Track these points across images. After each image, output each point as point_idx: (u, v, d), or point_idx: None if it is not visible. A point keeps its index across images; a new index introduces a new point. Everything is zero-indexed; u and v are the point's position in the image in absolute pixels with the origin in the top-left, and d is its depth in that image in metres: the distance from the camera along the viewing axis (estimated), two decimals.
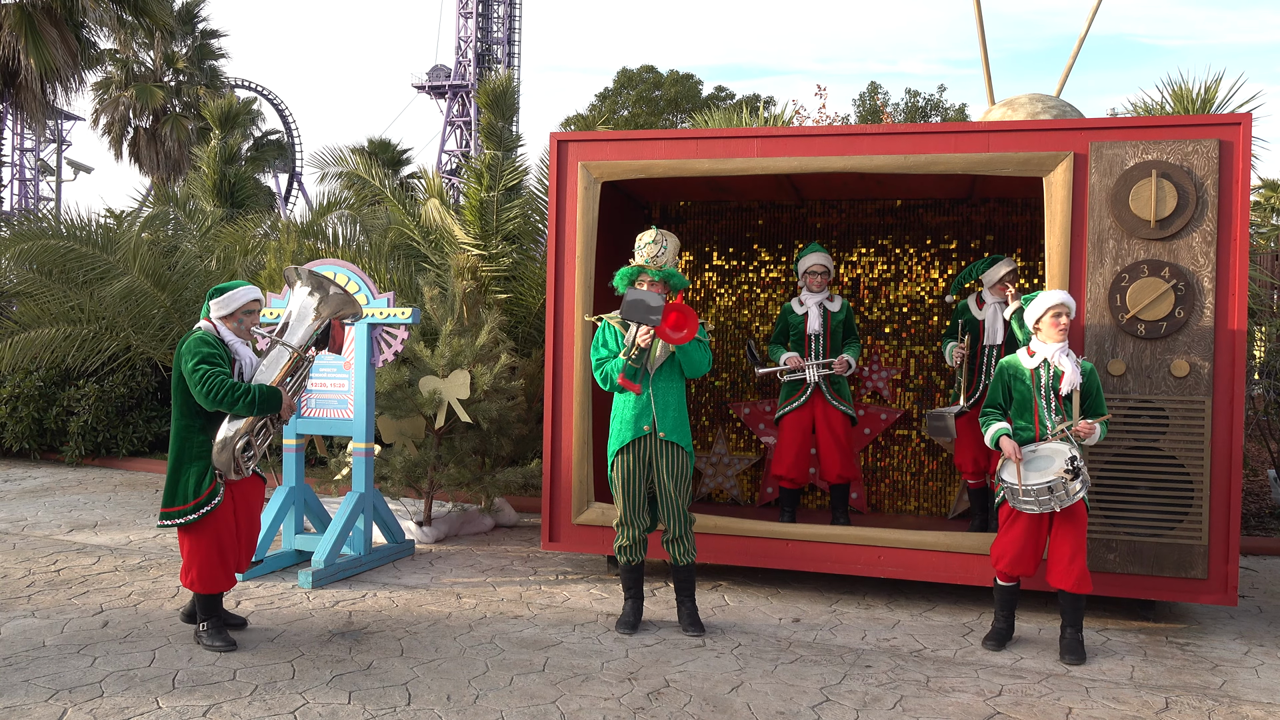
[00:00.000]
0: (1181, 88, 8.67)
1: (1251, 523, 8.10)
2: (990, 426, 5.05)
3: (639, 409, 5.22)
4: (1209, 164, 5.36)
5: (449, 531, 7.56)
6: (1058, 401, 4.95)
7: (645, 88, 45.25)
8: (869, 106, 33.47)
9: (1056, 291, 5.00)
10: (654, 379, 5.23)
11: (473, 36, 55.74)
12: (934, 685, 4.55)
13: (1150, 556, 5.41)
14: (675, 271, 5.21)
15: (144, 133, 28.65)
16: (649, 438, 5.20)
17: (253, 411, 4.70)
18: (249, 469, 4.86)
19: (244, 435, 4.74)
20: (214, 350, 4.72)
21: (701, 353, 5.17)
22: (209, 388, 4.61)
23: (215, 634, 4.83)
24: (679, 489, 5.19)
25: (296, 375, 4.95)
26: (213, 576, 4.83)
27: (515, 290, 9.27)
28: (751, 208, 7.73)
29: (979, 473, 6.51)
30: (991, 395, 5.15)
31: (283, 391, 4.81)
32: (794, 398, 6.68)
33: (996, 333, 6.37)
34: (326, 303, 4.97)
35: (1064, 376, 4.90)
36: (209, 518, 4.77)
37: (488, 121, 9.65)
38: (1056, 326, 4.94)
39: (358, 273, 6.46)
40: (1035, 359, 5.00)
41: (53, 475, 10.15)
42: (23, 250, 10.40)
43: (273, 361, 4.88)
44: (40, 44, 17.16)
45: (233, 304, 4.86)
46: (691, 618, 5.27)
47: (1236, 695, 4.51)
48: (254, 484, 5.06)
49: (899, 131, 5.90)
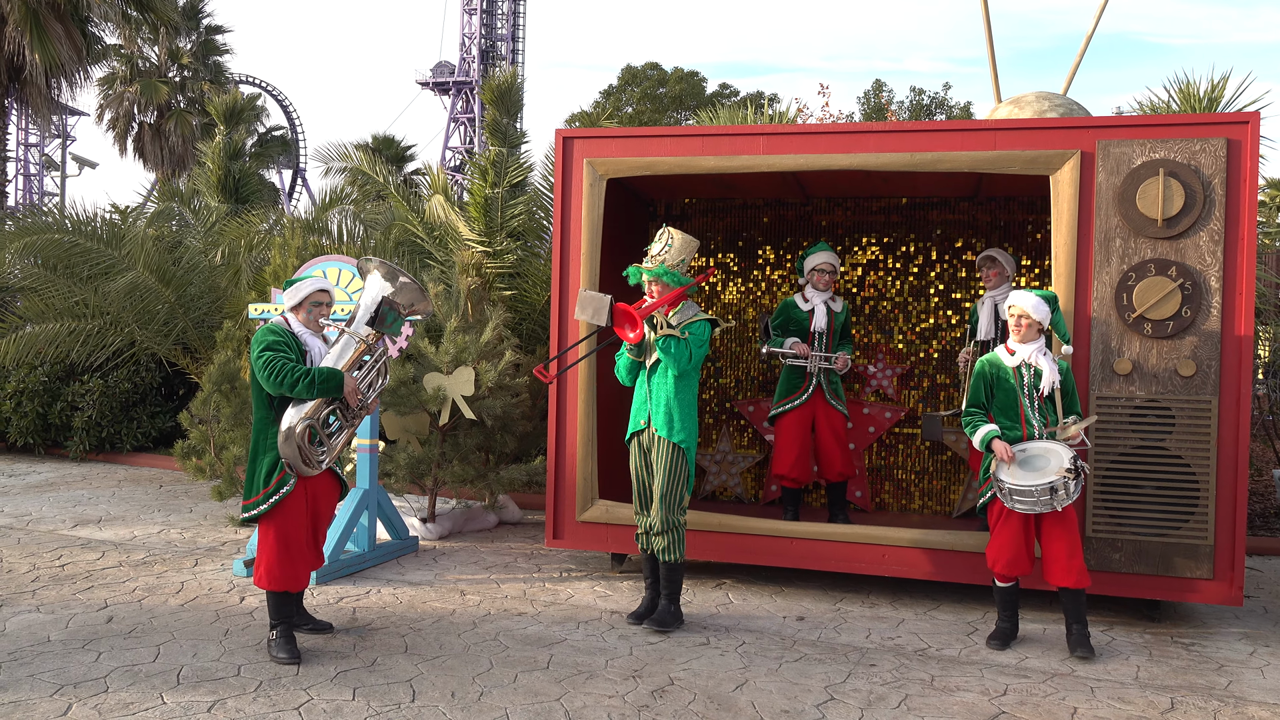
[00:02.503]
0: (1188, 86, 8.64)
1: (1257, 523, 8.08)
2: (978, 429, 5.05)
3: (639, 403, 5.38)
4: (1216, 163, 5.34)
5: (453, 528, 7.56)
6: (1040, 400, 4.98)
7: (650, 85, 45.20)
8: (873, 104, 33.40)
9: (1018, 294, 5.02)
10: (650, 373, 5.31)
11: (477, 33, 55.68)
12: (939, 684, 4.54)
13: (1156, 556, 5.39)
14: (666, 270, 5.23)
15: (148, 128, 28.65)
16: (645, 431, 5.32)
17: (313, 393, 4.53)
18: (320, 463, 4.67)
19: (306, 421, 4.55)
20: (280, 339, 4.62)
21: (680, 348, 5.17)
22: (271, 370, 4.50)
23: (281, 644, 4.64)
24: (665, 484, 5.22)
25: (367, 365, 4.79)
26: (279, 573, 4.65)
27: (520, 287, 9.26)
28: (757, 205, 7.72)
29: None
30: (974, 395, 5.14)
31: (345, 374, 4.63)
32: (793, 396, 6.66)
33: (990, 328, 6.44)
34: (399, 294, 4.81)
35: (1044, 376, 4.94)
36: (277, 510, 4.64)
37: (493, 118, 9.65)
38: (1013, 327, 5.00)
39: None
40: (1015, 358, 5.02)
41: (57, 470, 10.16)
42: (27, 244, 10.42)
43: (340, 351, 4.73)
44: (45, 39, 17.15)
45: (298, 295, 4.75)
46: (660, 614, 5.25)
47: (1242, 696, 4.49)
48: (330, 485, 4.89)
49: (905, 129, 5.88)
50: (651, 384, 5.30)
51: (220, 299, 10.52)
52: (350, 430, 4.80)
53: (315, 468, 4.65)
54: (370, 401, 4.83)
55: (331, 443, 4.72)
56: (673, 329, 5.18)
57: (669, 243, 5.27)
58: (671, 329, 5.18)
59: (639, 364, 5.35)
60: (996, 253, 6.49)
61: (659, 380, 5.28)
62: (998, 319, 6.40)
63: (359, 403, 4.75)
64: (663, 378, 5.27)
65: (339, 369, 4.63)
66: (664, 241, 5.27)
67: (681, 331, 5.18)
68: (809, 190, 7.20)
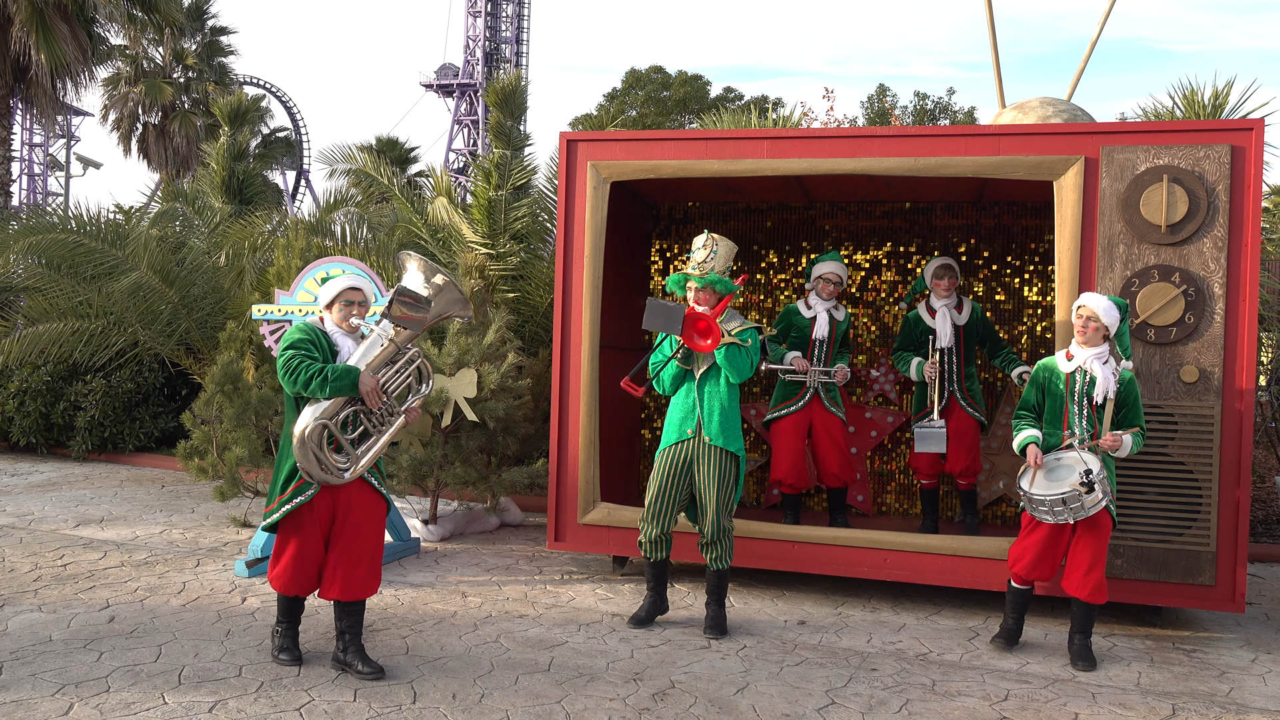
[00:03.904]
0: (1193, 93, 8.64)
1: (1259, 530, 8.07)
2: (1021, 431, 4.98)
3: (685, 412, 5.24)
4: (1220, 169, 5.34)
5: (454, 530, 7.57)
6: (1090, 409, 4.88)
7: (654, 88, 45.26)
8: (877, 109, 33.42)
9: (1090, 295, 4.91)
10: (700, 382, 5.23)
11: (481, 35, 55.76)
12: (940, 689, 4.54)
13: (1158, 562, 5.39)
14: (719, 278, 5.17)
15: (153, 129, 28.72)
16: (692, 441, 5.20)
17: (325, 391, 4.26)
18: (342, 472, 4.34)
19: (320, 422, 4.26)
20: (307, 338, 4.38)
21: (743, 356, 5.13)
22: (287, 368, 4.29)
23: (284, 645, 4.54)
24: (720, 494, 5.16)
25: (396, 366, 4.48)
26: (289, 579, 4.45)
27: (523, 289, 9.27)
28: (761, 209, 7.72)
29: (934, 475, 6.67)
30: (1026, 397, 5.08)
31: (363, 372, 4.34)
32: (789, 402, 6.66)
33: (946, 335, 6.47)
34: (438, 296, 4.52)
35: (1098, 384, 4.82)
36: (292, 519, 4.41)
37: (496, 120, 9.66)
38: (1079, 329, 4.89)
39: (366, 270, 6.46)
40: (1072, 363, 4.93)
41: (59, 470, 10.17)
42: (32, 244, 10.43)
43: (365, 349, 4.43)
44: (51, 40, 17.19)
45: (329, 293, 4.53)
46: (714, 620, 5.26)
47: (1244, 703, 4.49)
48: (368, 498, 4.52)
49: (910, 134, 5.88)
50: (703, 392, 5.20)
51: (223, 300, 10.54)
52: (380, 438, 4.45)
53: (335, 477, 4.34)
54: (404, 408, 4.50)
55: (357, 451, 4.40)
56: (733, 337, 5.11)
57: (714, 249, 5.20)
58: (732, 337, 5.11)
59: (687, 372, 5.25)
60: (954, 261, 6.59)
61: (712, 389, 5.20)
62: (953, 325, 6.49)
63: (384, 406, 4.43)
64: (715, 386, 5.19)
65: (353, 366, 4.35)
66: (709, 248, 5.20)
67: (740, 339, 5.13)
68: (812, 194, 7.20)
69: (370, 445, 4.43)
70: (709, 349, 5.03)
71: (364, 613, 4.60)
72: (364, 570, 4.49)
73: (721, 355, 5.11)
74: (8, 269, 10.79)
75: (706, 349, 5.03)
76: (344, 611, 4.52)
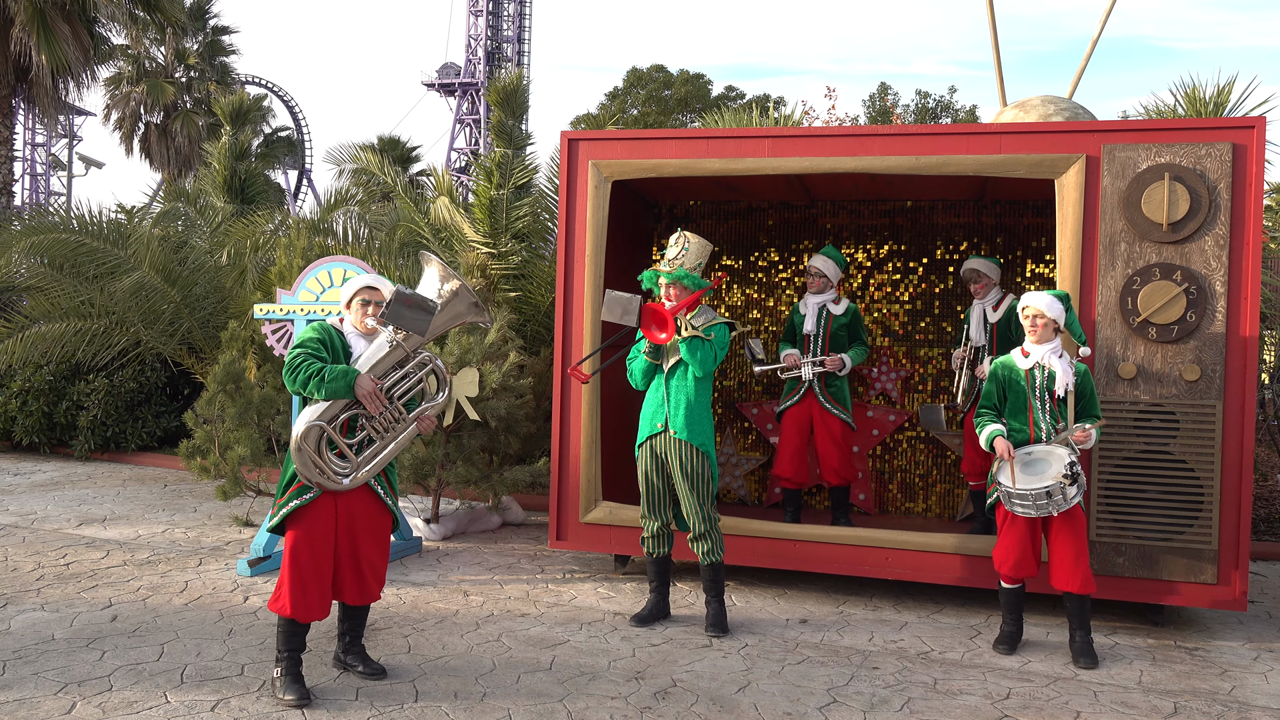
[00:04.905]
0: (1194, 91, 8.63)
1: (1261, 528, 8.07)
2: (985, 428, 5.05)
3: (655, 406, 5.31)
4: (1222, 167, 5.34)
5: (456, 529, 7.57)
6: (1052, 403, 4.95)
7: (655, 87, 45.24)
8: (879, 107, 33.41)
9: (1032, 294, 5.01)
10: (668, 376, 5.27)
11: (483, 34, 55.77)
12: (941, 687, 4.54)
13: (1160, 561, 5.39)
14: (686, 273, 5.21)
15: (155, 128, 28.71)
16: (663, 435, 5.25)
17: (321, 391, 4.10)
18: (340, 478, 4.18)
19: (317, 424, 4.11)
20: (317, 337, 4.23)
21: (706, 349, 5.17)
22: (290, 366, 4.15)
23: (287, 682, 4.16)
24: (695, 488, 5.21)
25: (404, 370, 4.32)
26: (288, 596, 4.16)
27: (524, 288, 9.28)
28: (762, 208, 7.72)
29: (981, 474, 6.55)
30: (986, 395, 5.15)
31: (361, 373, 4.17)
32: (790, 395, 6.76)
33: (980, 332, 6.54)
34: (450, 302, 4.39)
35: (1057, 378, 4.91)
36: (291, 523, 4.21)
37: (498, 119, 9.66)
38: (1029, 328, 4.98)
39: (368, 269, 6.47)
40: (1029, 360, 5.00)
41: (62, 469, 10.19)
42: (34, 244, 10.44)
43: (372, 352, 4.28)
44: (53, 40, 17.19)
45: (344, 294, 4.38)
46: (715, 618, 5.27)
47: (1246, 701, 4.49)
48: (370, 508, 4.36)
49: (911, 132, 5.88)
50: (670, 387, 5.26)
51: (225, 299, 10.55)
52: (386, 446, 4.28)
53: (334, 482, 4.17)
54: (411, 415, 4.35)
55: (357, 456, 4.23)
56: (696, 330, 5.17)
57: (685, 246, 5.25)
58: (696, 331, 5.17)
59: (656, 367, 5.31)
60: (979, 264, 6.58)
61: (678, 383, 5.25)
62: (986, 323, 6.55)
63: (387, 411, 4.26)
64: (682, 380, 5.24)
65: (351, 367, 4.20)
66: (680, 245, 5.26)
67: (705, 333, 5.17)
68: (814, 193, 7.20)
69: (374, 452, 4.26)
70: (663, 341, 5.09)
71: (367, 614, 4.57)
72: (370, 576, 4.38)
73: (684, 348, 5.15)
74: (10, 269, 10.81)
75: (661, 341, 5.08)
76: (348, 614, 4.50)
